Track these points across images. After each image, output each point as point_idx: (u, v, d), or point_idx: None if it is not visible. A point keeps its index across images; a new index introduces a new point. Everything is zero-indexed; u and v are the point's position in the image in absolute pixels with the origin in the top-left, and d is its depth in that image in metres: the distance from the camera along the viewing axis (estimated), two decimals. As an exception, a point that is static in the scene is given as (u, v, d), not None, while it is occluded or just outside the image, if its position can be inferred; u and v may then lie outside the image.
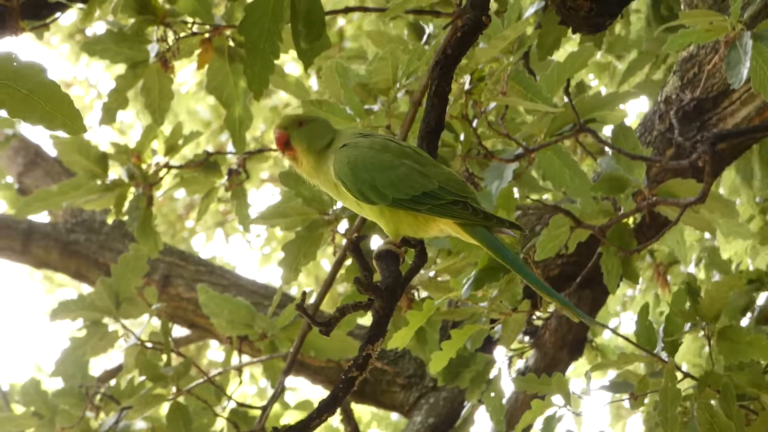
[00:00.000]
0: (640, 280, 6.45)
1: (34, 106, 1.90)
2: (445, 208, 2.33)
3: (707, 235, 5.62)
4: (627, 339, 3.70)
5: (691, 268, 5.87)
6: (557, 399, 3.50)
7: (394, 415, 6.75)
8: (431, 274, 3.59)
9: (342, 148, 2.40)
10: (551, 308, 3.65)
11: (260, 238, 10.00)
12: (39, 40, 3.54)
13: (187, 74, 9.65)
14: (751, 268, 5.46)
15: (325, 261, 9.21)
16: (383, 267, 2.29)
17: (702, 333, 3.59)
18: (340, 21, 8.51)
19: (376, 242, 3.78)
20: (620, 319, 7.55)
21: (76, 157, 4.23)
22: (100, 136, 10.82)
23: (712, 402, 3.28)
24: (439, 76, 2.50)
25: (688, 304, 3.58)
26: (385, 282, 2.23)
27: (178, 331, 6.30)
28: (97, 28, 13.71)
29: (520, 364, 5.03)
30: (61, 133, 1.95)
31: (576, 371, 6.81)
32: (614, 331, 3.79)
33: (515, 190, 4.06)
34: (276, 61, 3.14)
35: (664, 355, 3.53)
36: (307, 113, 2.58)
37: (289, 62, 8.91)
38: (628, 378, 3.60)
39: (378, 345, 2.17)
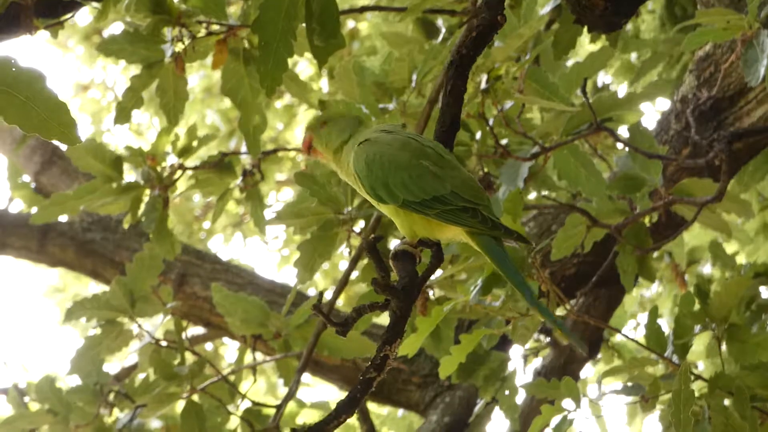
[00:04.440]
0: (658, 281, 6.42)
1: (31, 113, 1.85)
2: (453, 214, 2.31)
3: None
4: (638, 343, 3.68)
5: (708, 269, 5.84)
6: (568, 403, 3.48)
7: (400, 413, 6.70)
8: (448, 273, 3.58)
9: (363, 143, 2.41)
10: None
11: (278, 240, 10.00)
12: (54, 38, 3.54)
13: (194, 81, 9.66)
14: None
15: (343, 263, 9.20)
16: (399, 267, 2.28)
17: (712, 334, 3.58)
18: (350, 23, 8.51)
19: (394, 243, 3.77)
20: (638, 320, 7.52)
21: (90, 160, 4.23)
22: (117, 139, 10.83)
23: (726, 402, 3.26)
24: (454, 75, 2.49)
25: (698, 305, 3.57)
26: (402, 282, 2.22)
27: (195, 329, 6.31)
28: (115, 29, 13.75)
29: (536, 362, 5.01)
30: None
31: (597, 373, 6.79)
32: (625, 335, 3.78)
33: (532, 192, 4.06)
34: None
35: (675, 358, 3.51)
36: (331, 112, 2.58)
37: (300, 63, 8.90)
38: (642, 379, 3.58)
39: (396, 346, 2.16)
